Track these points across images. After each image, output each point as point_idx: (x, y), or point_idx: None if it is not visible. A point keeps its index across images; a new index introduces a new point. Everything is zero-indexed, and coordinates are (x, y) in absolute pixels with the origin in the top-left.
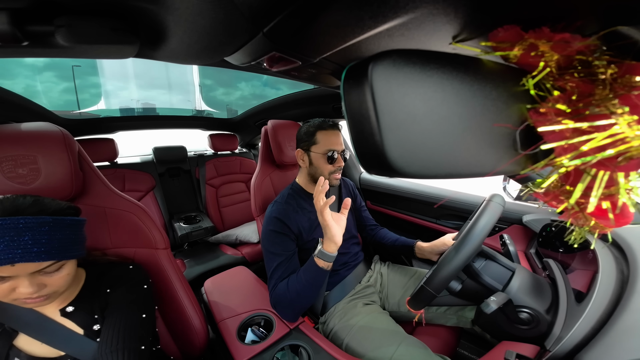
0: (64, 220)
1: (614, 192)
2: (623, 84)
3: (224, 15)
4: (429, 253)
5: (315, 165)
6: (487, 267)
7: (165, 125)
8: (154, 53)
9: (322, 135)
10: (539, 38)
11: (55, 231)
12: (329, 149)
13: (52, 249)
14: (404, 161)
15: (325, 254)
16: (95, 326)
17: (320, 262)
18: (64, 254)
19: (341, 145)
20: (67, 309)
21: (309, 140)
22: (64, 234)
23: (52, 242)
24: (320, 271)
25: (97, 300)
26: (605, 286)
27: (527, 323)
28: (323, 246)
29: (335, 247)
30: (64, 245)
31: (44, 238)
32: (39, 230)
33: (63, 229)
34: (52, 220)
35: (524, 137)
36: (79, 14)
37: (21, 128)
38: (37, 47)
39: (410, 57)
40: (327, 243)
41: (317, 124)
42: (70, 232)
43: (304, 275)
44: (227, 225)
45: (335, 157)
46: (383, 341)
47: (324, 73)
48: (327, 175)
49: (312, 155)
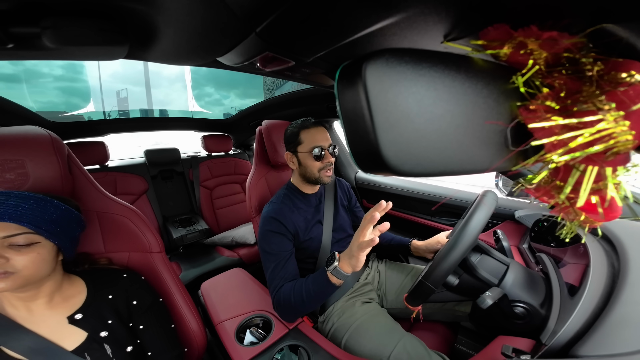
0: (56, 203)
1: (602, 187)
2: (609, 80)
3: (215, 15)
4: (423, 251)
5: (304, 164)
6: (482, 262)
7: (158, 127)
8: (144, 54)
9: (306, 134)
10: (528, 36)
11: (41, 207)
12: (314, 146)
13: (27, 217)
14: (399, 159)
15: (340, 272)
16: (103, 333)
17: (333, 278)
18: (38, 227)
19: (327, 141)
20: (76, 316)
21: (294, 141)
22: (49, 213)
23: (31, 212)
24: (330, 285)
25: (105, 307)
26: (597, 279)
27: (522, 317)
28: (339, 264)
29: (352, 270)
30: (43, 221)
31: (25, 206)
32: (27, 201)
33: (51, 210)
34: (42, 198)
35: (515, 134)
36: (65, 15)
37: (7, 132)
38: (22, 50)
39: (403, 56)
40: (346, 266)
41: (299, 124)
42: (57, 216)
43: (312, 286)
44: (223, 227)
45: (322, 153)
46: (381, 339)
47: (317, 72)
48: (317, 173)
49: (300, 155)
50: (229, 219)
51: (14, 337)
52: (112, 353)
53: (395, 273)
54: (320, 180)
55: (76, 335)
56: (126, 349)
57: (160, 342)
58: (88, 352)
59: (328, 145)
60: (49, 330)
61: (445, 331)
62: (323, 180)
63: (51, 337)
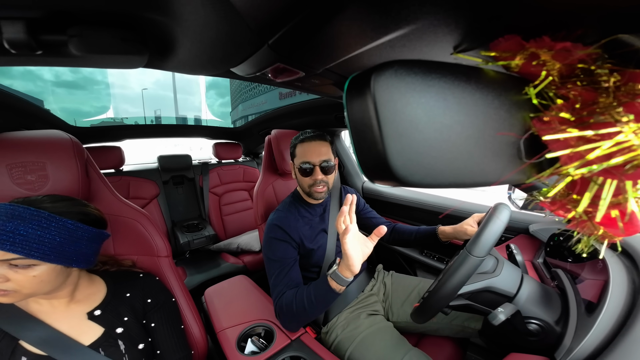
0: (63, 222)
1: (622, 201)
2: (627, 91)
3: (231, 27)
4: (452, 236)
5: (297, 178)
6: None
7: (171, 134)
8: (162, 63)
9: (299, 148)
10: (540, 47)
11: (43, 229)
12: (303, 161)
13: (21, 245)
14: (407, 170)
15: (340, 277)
16: (119, 329)
17: (334, 283)
18: (33, 253)
19: (318, 157)
20: (95, 312)
21: (292, 152)
22: (52, 235)
23: (26, 240)
24: (331, 291)
25: (123, 304)
26: (617, 296)
27: (536, 334)
28: (338, 268)
29: (351, 274)
30: (41, 246)
31: (23, 231)
32: (29, 223)
33: (55, 231)
34: (47, 216)
35: (528, 145)
36: (91, 24)
37: (32, 135)
38: (50, 56)
39: (412, 67)
40: (344, 269)
41: (299, 136)
42: (62, 237)
43: (313, 291)
44: (229, 233)
45: (308, 169)
46: (387, 353)
47: (327, 83)
48: (307, 188)
49: (294, 168)
50: (236, 225)
51: (27, 328)
52: (125, 349)
53: (402, 286)
54: (311, 195)
55: (94, 331)
56: (138, 346)
57: (169, 341)
58: (103, 347)
59: (319, 162)
60: (69, 325)
61: (454, 347)
62: (314, 196)
63: (70, 332)
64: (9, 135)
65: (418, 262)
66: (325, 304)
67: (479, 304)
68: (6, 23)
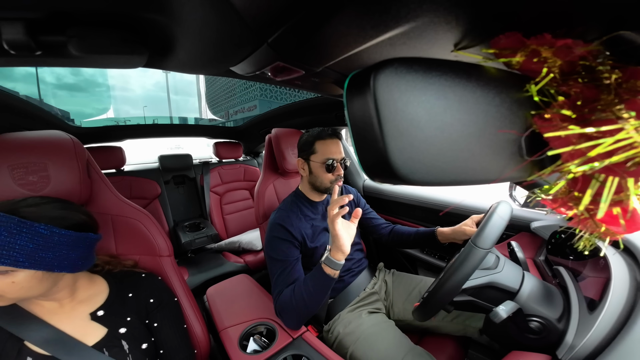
0: (33, 226)
1: (624, 198)
2: (628, 88)
3: (230, 26)
4: (452, 237)
5: (315, 174)
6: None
7: (172, 134)
8: (162, 63)
9: (321, 145)
10: (541, 44)
11: (13, 234)
12: (328, 158)
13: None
14: (408, 168)
15: (333, 261)
16: (122, 329)
17: (328, 269)
18: (4, 259)
19: (340, 154)
20: (98, 313)
21: (308, 149)
22: (22, 240)
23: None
24: (326, 278)
25: (125, 305)
26: (619, 294)
27: (538, 332)
28: (330, 253)
29: (343, 255)
30: (11, 252)
31: None
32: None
33: (26, 238)
34: (17, 222)
35: (530, 143)
36: (90, 25)
37: (33, 136)
38: (49, 57)
39: (412, 65)
40: (335, 251)
41: (316, 133)
42: (36, 244)
43: (310, 282)
44: (231, 232)
45: (334, 165)
46: (388, 351)
47: (327, 82)
48: (328, 184)
49: (312, 164)
50: (237, 224)
51: (32, 329)
52: (128, 349)
53: (403, 284)
54: (330, 190)
55: (97, 331)
56: (141, 346)
57: (172, 341)
58: (106, 347)
59: (340, 159)
60: (72, 325)
61: (455, 346)
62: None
63: (73, 332)
64: (11, 136)
65: (419, 260)
66: (323, 293)
67: (481, 300)
68: (5, 24)
